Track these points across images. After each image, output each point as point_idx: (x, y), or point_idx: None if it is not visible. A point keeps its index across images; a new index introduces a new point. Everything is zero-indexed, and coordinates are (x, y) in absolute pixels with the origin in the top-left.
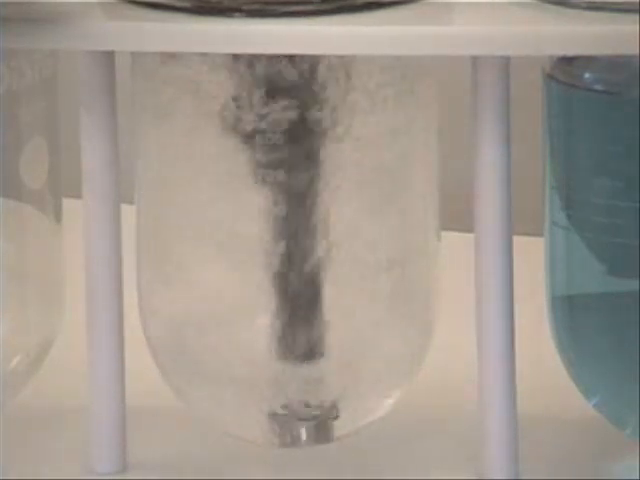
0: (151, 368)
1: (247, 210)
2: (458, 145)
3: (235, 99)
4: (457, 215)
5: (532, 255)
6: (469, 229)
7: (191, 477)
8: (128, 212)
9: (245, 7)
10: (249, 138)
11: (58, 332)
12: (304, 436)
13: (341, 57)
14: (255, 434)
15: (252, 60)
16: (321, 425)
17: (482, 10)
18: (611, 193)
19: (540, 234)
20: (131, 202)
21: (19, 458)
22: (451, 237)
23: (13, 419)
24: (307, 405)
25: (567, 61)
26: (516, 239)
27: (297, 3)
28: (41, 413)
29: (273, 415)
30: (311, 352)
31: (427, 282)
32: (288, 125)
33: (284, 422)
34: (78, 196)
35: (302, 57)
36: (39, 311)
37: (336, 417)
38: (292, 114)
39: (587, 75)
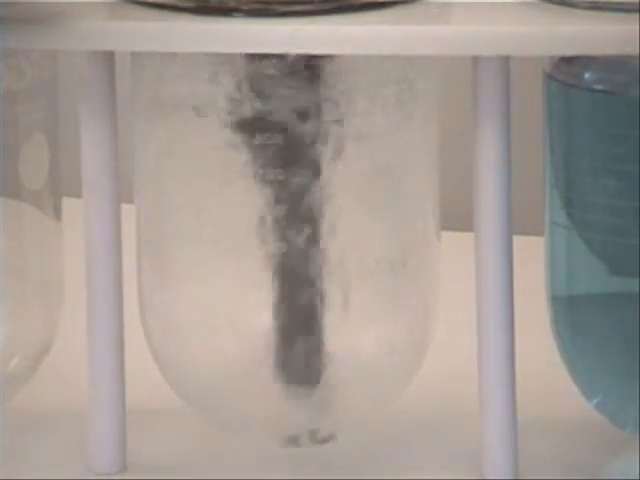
0: (151, 368)
1: (247, 210)
2: (458, 145)
3: (234, 99)
4: (457, 215)
5: (532, 255)
6: (469, 229)
7: (191, 477)
8: (128, 212)
9: (245, 7)
10: (248, 138)
11: (58, 332)
12: (303, 436)
13: (341, 57)
14: (255, 434)
15: (252, 59)
16: (320, 429)
17: (482, 10)
18: (611, 193)
19: (540, 234)
20: (131, 202)
21: (19, 458)
22: (451, 237)
23: (13, 419)
24: (306, 407)
25: (567, 61)
26: (516, 239)
27: (297, 3)
28: (41, 413)
29: (273, 415)
30: (309, 352)
31: (427, 282)
32: (288, 125)
33: (284, 422)
34: (78, 196)
35: (302, 57)
36: (39, 311)
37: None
38: (291, 114)
39: (587, 75)
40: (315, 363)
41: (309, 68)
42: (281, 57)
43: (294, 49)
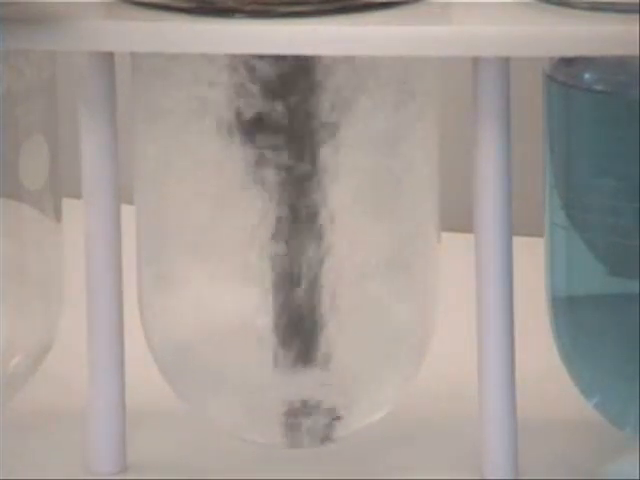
0: (151, 368)
1: (246, 211)
2: (458, 145)
3: (235, 100)
4: (457, 216)
5: (532, 255)
6: (469, 229)
7: (191, 477)
8: (128, 212)
9: (245, 7)
10: (249, 139)
11: (58, 332)
12: (304, 437)
13: (341, 58)
14: (255, 434)
15: (252, 60)
16: (322, 426)
17: (482, 10)
18: (611, 193)
19: (540, 234)
20: (131, 202)
21: (19, 458)
22: (451, 237)
23: (13, 419)
24: (307, 407)
25: (567, 62)
26: (516, 239)
27: (297, 3)
28: (41, 413)
29: (273, 415)
30: (309, 353)
31: (427, 283)
32: (288, 126)
33: (284, 422)
34: (78, 196)
35: (302, 58)
36: (39, 311)
37: (338, 418)
38: (292, 115)
39: (587, 75)
40: (314, 364)
41: (309, 69)
42: (281, 58)
43: (294, 50)
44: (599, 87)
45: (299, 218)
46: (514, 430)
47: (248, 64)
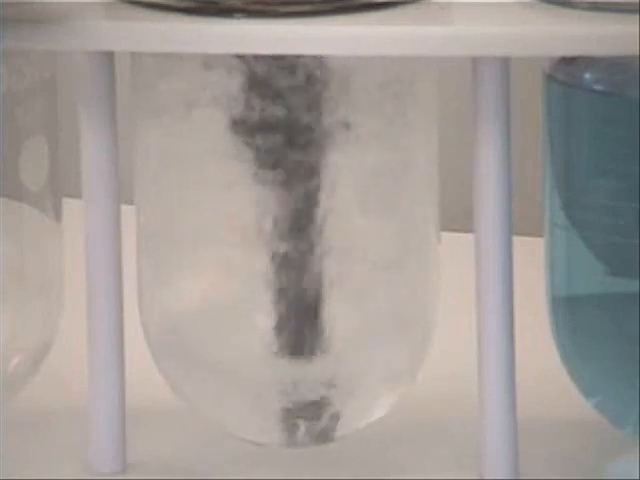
0: (151, 368)
1: (247, 210)
2: (458, 145)
3: (235, 99)
4: (457, 216)
5: (532, 255)
6: (469, 229)
7: (191, 477)
8: (128, 212)
9: (245, 7)
10: (249, 138)
11: (58, 332)
12: (304, 436)
13: (341, 57)
14: (255, 434)
15: (252, 60)
16: (321, 425)
17: (482, 10)
18: (611, 193)
19: (540, 234)
20: (131, 202)
21: (19, 458)
22: (451, 237)
23: (13, 419)
24: (307, 406)
25: (567, 61)
26: (516, 239)
27: (297, 3)
28: (41, 413)
29: (273, 415)
30: (309, 351)
31: (427, 283)
32: (288, 125)
33: (284, 422)
34: (78, 196)
35: (302, 57)
36: (39, 311)
37: (337, 417)
38: (292, 114)
39: (587, 75)
40: (314, 362)
41: (309, 69)
42: (281, 58)
43: (294, 50)
44: (599, 87)
45: (299, 216)
46: (514, 430)
47: (248, 63)
